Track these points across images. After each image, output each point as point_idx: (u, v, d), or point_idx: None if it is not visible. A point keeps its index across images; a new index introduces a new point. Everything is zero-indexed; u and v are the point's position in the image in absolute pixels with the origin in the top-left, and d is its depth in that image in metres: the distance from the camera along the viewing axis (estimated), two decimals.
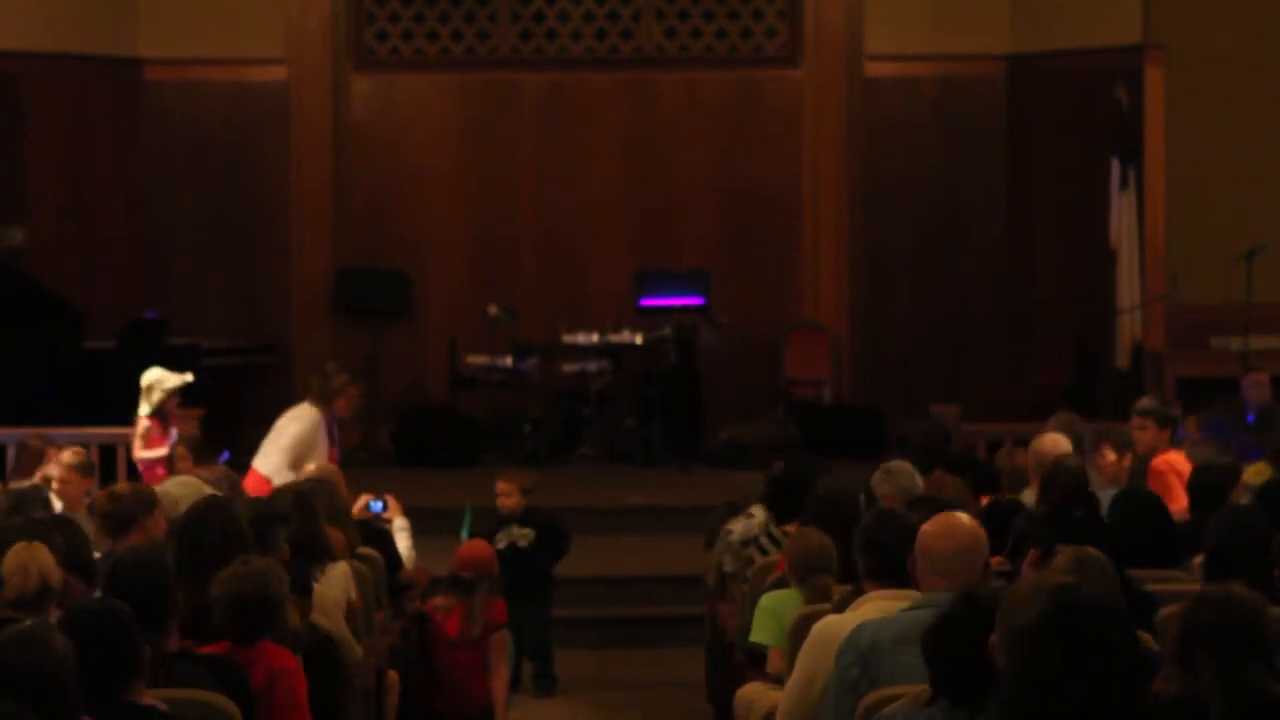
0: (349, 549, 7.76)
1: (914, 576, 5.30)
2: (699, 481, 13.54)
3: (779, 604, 6.70)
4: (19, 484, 8.76)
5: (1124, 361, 13.98)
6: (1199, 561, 6.56)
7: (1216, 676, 4.09)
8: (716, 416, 14.60)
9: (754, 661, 6.98)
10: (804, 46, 15.80)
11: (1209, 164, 14.29)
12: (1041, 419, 10.15)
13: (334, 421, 11.25)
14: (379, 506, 9.20)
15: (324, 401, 11.18)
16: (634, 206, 15.86)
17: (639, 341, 14.88)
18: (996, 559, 6.60)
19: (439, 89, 15.94)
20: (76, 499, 8.92)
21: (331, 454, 10.93)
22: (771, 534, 7.98)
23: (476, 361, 15.04)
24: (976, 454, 11.38)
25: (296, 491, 7.51)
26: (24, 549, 5.59)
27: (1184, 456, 9.14)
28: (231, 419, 13.84)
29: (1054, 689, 3.69)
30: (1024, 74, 15.43)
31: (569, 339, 15.05)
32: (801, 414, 14.78)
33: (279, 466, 10.80)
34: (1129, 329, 13.96)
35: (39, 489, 8.14)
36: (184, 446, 10.55)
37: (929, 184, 15.62)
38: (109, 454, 11.72)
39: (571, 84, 15.93)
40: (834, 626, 5.52)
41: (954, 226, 15.66)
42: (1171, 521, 7.12)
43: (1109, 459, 9.39)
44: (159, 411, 10.90)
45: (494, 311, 15.05)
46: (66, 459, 9.28)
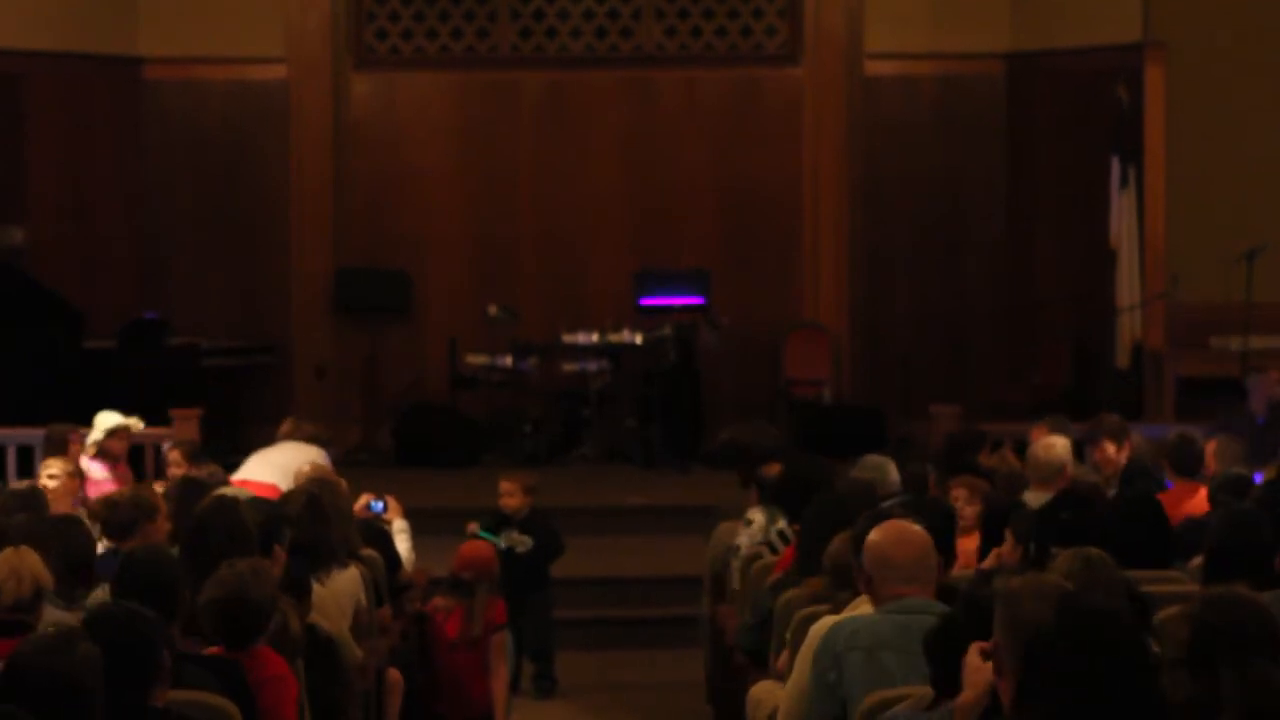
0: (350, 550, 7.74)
1: (861, 586, 5.33)
2: (699, 482, 13.54)
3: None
4: (22, 483, 8.74)
5: (1124, 361, 13.98)
6: (1197, 563, 6.56)
7: (1236, 680, 4.07)
8: (716, 416, 14.58)
9: (754, 662, 6.99)
10: (804, 45, 15.80)
11: (1209, 164, 14.27)
12: (1041, 419, 10.16)
13: None
14: (380, 507, 9.20)
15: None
16: (634, 206, 15.85)
17: (639, 341, 14.87)
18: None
19: (439, 88, 15.93)
20: (65, 501, 8.88)
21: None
22: (783, 532, 7.97)
23: (476, 361, 15.04)
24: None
25: (307, 493, 7.47)
26: (13, 554, 5.60)
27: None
28: (231, 419, 13.85)
29: (1074, 701, 3.70)
30: (1024, 73, 15.42)
31: (569, 339, 15.04)
32: (801, 414, 14.81)
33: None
34: (1129, 329, 13.96)
35: (35, 490, 8.10)
36: (179, 452, 10.19)
37: (929, 184, 15.61)
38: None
39: (571, 83, 15.93)
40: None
41: (954, 226, 15.65)
42: (1168, 522, 7.09)
43: (1109, 452, 9.35)
44: (102, 453, 10.56)
45: (494, 311, 15.04)
46: (60, 465, 9.27)
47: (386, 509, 9.21)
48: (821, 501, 7.16)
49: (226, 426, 13.20)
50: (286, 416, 11.23)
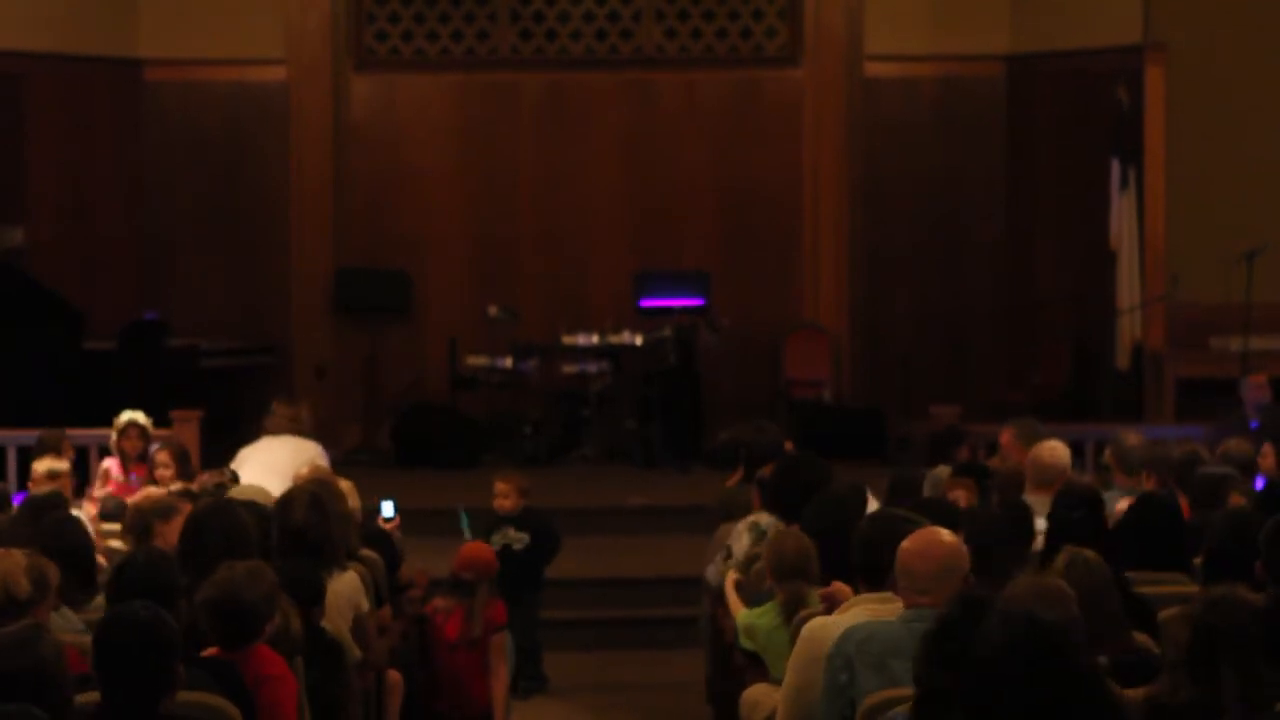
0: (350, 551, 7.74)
1: (895, 590, 5.35)
2: (699, 482, 13.52)
3: (750, 619, 6.99)
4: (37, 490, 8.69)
5: (1124, 362, 13.98)
6: (1197, 563, 6.56)
7: (1238, 682, 4.07)
8: (716, 417, 14.58)
9: (754, 663, 6.99)
10: (804, 46, 15.80)
11: (1209, 164, 14.28)
12: (1042, 419, 10.14)
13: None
14: (389, 511, 9.14)
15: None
16: (634, 206, 15.86)
17: (639, 342, 14.87)
18: None
19: (439, 89, 15.94)
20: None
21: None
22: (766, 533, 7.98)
23: (476, 362, 15.04)
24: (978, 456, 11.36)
25: (311, 494, 7.45)
26: (2, 556, 5.60)
27: None
28: (231, 419, 13.83)
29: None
30: (1024, 74, 15.43)
31: (569, 340, 15.05)
32: (801, 414, 14.80)
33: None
34: (1129, 329, 13.96)
35: (57, 494, 8.06)
36: (167, 453, 9.96)
37: (929, 184, 15.61)
38: (108, 455, 11.69)
39: (571, 84, 15.93)
40: (824, 629, 5.58)
41: (954, 227, 15.65)
42: (1183, 524, 7.06)
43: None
44: (120, 453, 10.52)
45: (494, 312, 15.05)
46: (48, 466, 9.26)
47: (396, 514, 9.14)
48: (821, 501, 7.16)
49: (227, 427, 13.19)
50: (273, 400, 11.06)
